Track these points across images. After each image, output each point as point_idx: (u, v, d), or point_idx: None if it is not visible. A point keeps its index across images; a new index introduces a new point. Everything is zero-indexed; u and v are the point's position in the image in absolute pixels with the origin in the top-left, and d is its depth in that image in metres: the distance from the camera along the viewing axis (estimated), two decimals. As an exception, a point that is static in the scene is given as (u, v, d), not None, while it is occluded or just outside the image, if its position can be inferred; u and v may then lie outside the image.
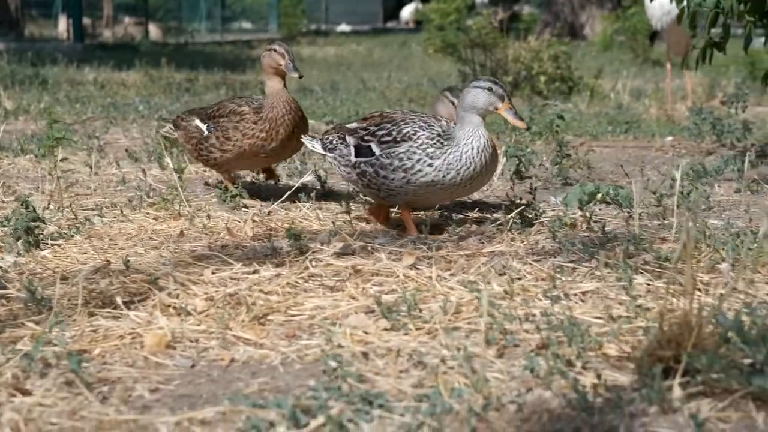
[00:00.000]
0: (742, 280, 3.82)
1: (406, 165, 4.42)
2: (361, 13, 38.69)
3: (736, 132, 8.56)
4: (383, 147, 4.51)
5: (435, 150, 4.41)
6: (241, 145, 5.32)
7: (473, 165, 4.37)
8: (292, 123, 5.30)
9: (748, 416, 2.67)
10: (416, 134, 4.46)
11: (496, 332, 3.22)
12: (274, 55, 5.32)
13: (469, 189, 4.52)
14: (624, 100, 13.47)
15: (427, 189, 4.45)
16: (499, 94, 4.40)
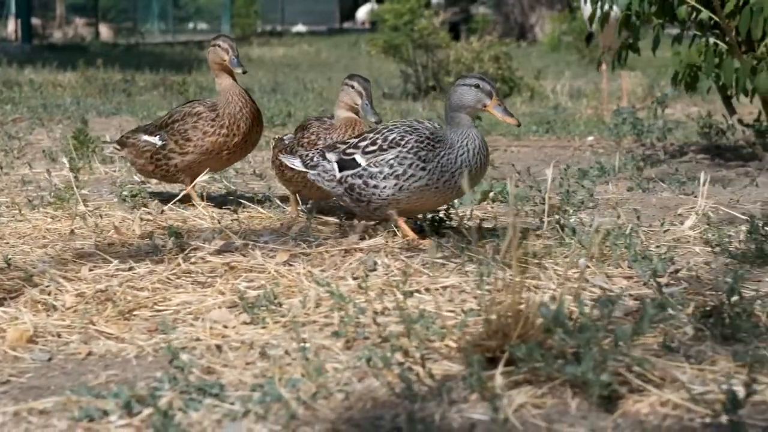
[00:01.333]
0: (603, 274, 3.98)
1: (397, 171, 4.31)
2: (317, 14, 38.79)
3: (656, 132, 8.73)
4: (368, 156, 4.39)
5: (427, 153, 4.29)
6: (203, 144, 5.29)
7: (469, 167, 4.25)
8: (250, 115, 5.31)
9: (563, 402, 2.81)
10: (404, 139, 4.33)
11: (347, 325, 3.35)
12: (218, 50, 5.32)
13: (461, 192, 4.40)
14: (562, 100, 13.64)
15: (421, 194, 4.34)
16: (487, 91, 4.25)
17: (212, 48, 5.36)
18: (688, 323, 3.40)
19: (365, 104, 4.86)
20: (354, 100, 4.90)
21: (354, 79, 4.95)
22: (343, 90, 4.96)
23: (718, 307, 3.36)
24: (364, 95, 4.87)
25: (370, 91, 4.90)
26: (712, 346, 3.24)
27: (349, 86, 4.92)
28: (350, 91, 4.91)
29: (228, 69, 5.32)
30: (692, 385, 2.90)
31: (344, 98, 4.95)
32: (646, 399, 2.83)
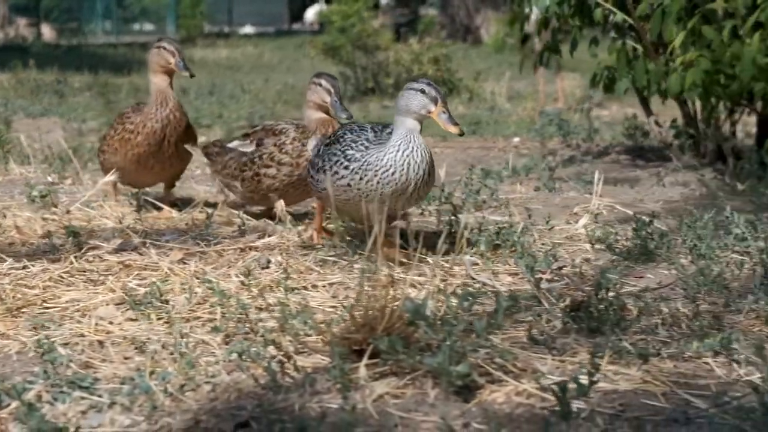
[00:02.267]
0: (489, 271, 4.10)
1: (325, 166, 4.17)
2: (266, 15, 38.75)
3: (582, 133, 8.89)
4: (324, 149, 4.28)
5: (354, 152, 4.11)
6: (112, 143, 5.30)
7: (394, 170, 4.02)
8: (163, 120, 5.19)
9: (422, 392, 2.92)
10: (344, 136, 4.20)
11: (229, 321, 3.44)
12: (163, 52, 5.22)
13: (398, 199, 4.10)
14: (500, 101, 13.77)
15: (347, 195, 4.13)
16: (432, 97, 4.05)
17: (156, 50, 5.27)
18: (557, 317, 3.51)
19: (335, 101, 4.74)
20: (322, 98, 4.78)
21: (321, 76, 4.83)
22: (311, 89, 4.83)
23: (586, 302, 3.48)
24: (333, 92, 4.76)
25: (339, 88, 4.79)
26: (576, 338, 3.36)
27: (317, 84, 4.80)
28: (318, 90, 4.79)
29: (170, 71, 5.23)
30: (551, 375, 3.01)
31: (312, 97, 4.83)
32: (503, 389, 2.94)
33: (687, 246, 4.37)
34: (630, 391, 2.97)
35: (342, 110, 4.71)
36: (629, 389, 2.99)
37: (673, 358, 3.22)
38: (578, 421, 2.76)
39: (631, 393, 2.96)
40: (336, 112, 4.74)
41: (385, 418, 2.76)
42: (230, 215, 5.01)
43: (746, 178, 6.12)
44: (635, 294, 3.79)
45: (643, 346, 3.24)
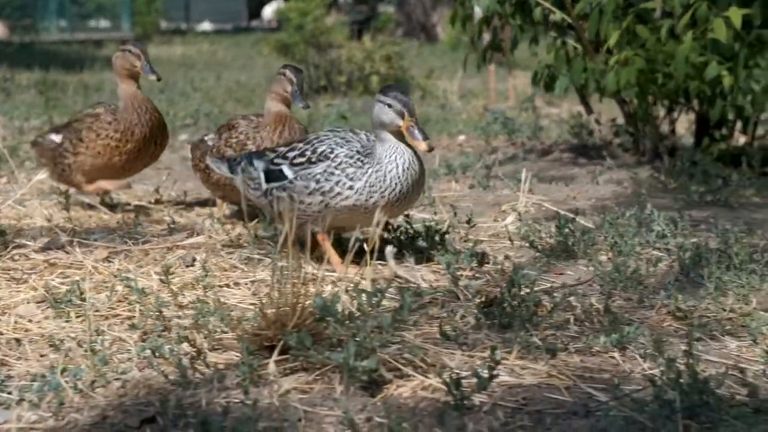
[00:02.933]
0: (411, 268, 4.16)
1: (324, 188, 4.02)
2: (224, 12, 38.64)
3: (527, 131, 8.96)
4: (297, 169, 4.10)
5: (355, 170, 4.00)
6: (94, 146, 5.18)
7: (399, 185, 3.97)
8: (148, 124, 5.18)
9: (329, 387, 2.97)
10: (333, 152, 4.04)
11: (147, 318, 3.48)
12: (128, 56, 5.17)
13: (397, 210, 4.09)
14: (452, 99, 13.82)
15: (350, 213, 4.05)
16: (398, 110, 3.92)
17: (121, 53, 5.20)
18: (472, 313, 3.57)
19: (294, 90, 4.73)
20: (284, 88, 4.77)
21: (286, 68, 4.85)
22: (276, 80, 4.84)
23: (499, 298, 3.54)
24: (295, 82, 4.75)
25: (302, 80, 4.78)
26: (488, 334, 3.42)
27: (281, 75, 4.81)
28: (281, 80, 4.79)
29: (135, 75, 5.19)
30: (458, 370, 3.07)
31: (276, 88, 4.81)
32: (409, 383, 2.99)
33: (608, 243, 4.44)
34: (534, 385, 3.03)
35: (300, 99, 4.72)
36: (534, 383, 3.05)
37: (581, 352, 3.29)
38: (479, 414, 2.82)
39: (535, 387, 3.03)
40: (294, 101, 4.75)
41: (290, 413, 2.80)
42: (160, 215, 5.04)
43: (678, 175, 6.20)
44: (552, 290, 3.85)
45: (551, 341, 3.32)
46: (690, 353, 2.88)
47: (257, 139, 4.83)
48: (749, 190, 5.86)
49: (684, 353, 2.91)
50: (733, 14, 5.98)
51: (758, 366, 3.19)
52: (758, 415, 2.81)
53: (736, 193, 5.80)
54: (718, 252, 4.16)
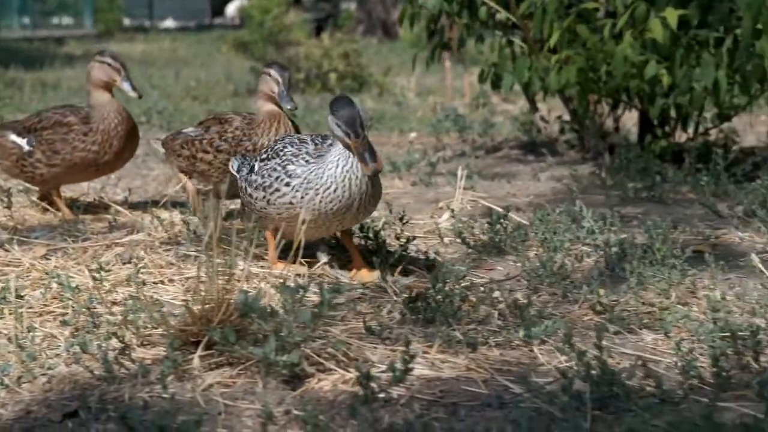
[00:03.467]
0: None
1: (265, 183, 3.97)
2: (188, 9, 38.54)
3: (477, 128, 9.06)
4: (260, 165, 4.08)
5: (296, 167, 3.91)
6: (71, 158, 5.10)
7: (336, 187, 3.83)
8: (125, 134, 5.13)
9: (252, 381, 3.05)
10: (283, 150, 3.99)
11: (79, 315, 3.55)
12: (107, 69, 5.06)
13: (343, 218, 3.93)
14: (409, 96, 13.90)
15: (288, 213, 3.93)
16: (344, 130, 3.80)
17: (98, 64, 5.09)
18: (397, 308, 3.66)
19: (282, 91, 4.67)
20: (271, 89, 4.71)
21: (271, 66, 4.78)
22: (261, 79, 4.79)
23: (424, 294, 3.63)
24: (281, 82, 4.68)
25: (288, 78, 4.69)
26: (412, 328, 3.51)
27: (266, 74, 4.75)
28: (267, 80, 4.73)
29: (110, 87, 5.11)
30: (379, 364, 3.16)
31: (263, 87, 4.77)
32: (330, 377, 3.08)
33: (539, 239, 4.54)
34: (453, 378, 3.13)
35: (287, 100, 4.67)
36: (452, 376, 3.14)
37: (501, 346, 3.39)
38: (396, 407, 2.91)
39: (453, 380, 3.12)
40: (281, 102, 4.70)
41: (211, 406, 2.89)
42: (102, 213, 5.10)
43: (618, 172, 6.32)
44: (479, 286, 3.95)
45: (473, 336, 3.41)
46: (600, 346, 2.98)
47: (253, 136, 4.80)
48: (685, 187, 5.98)
49: (596, 346, 3.00)
50: (669, 15, 6.10)
51: (670, 358, 3.29)
52: (664, 405, 2.91)
53: (673, 190, 5.92)
54: (643, 247, 4.26)
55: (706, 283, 4.00)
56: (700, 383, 3.05)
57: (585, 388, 2.88)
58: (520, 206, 5.52)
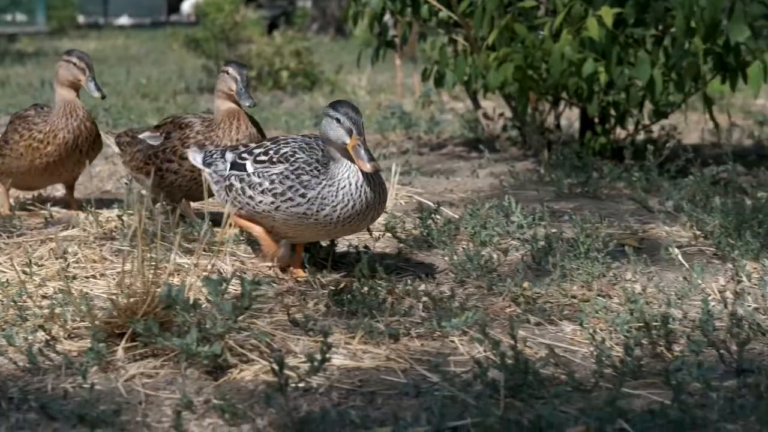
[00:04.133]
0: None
1: (275, 189, 3.90)
2: (143, 6, 38.39)
3: (423, 126, 9.14)
4: (258, 166, 4.00)
5: (311, 179, 3.86)
6: (17, 149, 5.12)
7: (352, 203, 3.80)
8: (75, 131, 5.08)
9: (174, 372, 3.11)
10: (294, 156, 3.92)
11: (8, 308, 3.59)
12: (72, 68, 5.09)
13: (352, 227, 3.93)
14: (361, 94, 13.95)
15: (299, 221, 3.90)
16: (347, 128, 3.76)
17: (65, 63, 5.11)
18: (323, 301, 3.74)
19: (240, 88, 4.59)
20: (229, 87, 4.64)
21: (229, 64, 4.72)
22: (219, 77, 4.71)
23: (349, 287, 3.71)
24: (239, 80, 4.60)
25: (246, 76, 4.61)
26: (336, 320, 3.58)
27: (224, 72, 4.68)
28: (225, 78, 4.67)
29: (76, 86, 5.12)
30: (302, 354, 3.23)
31: (220, 86, 4.68)
32: (252, 368, 3.15)
33: (469, 233, 4.62)
34: (373, 368, 3.21)
35: (246, 97, 4.60)
36: (372, 366, 3.22)
37: (422, 337, 3.47)
38: (315, 395, 2.99)
39: (373, 370, 3.20)
40: (240, 99, 4.61)
41: (132, 396, 2.95)
42: (38, 208, 5.13)
43: (555, 168, 6.41)
44: (405, 278, 4.02)
45: (395, 327, 3.48)
46: (514, 337, 3.07)
47: (215, 138, 4.68)
48: (621, 183, 6.08)
49: (510, 336, 3.09)
50: (605, 13, 6.21)
51: (587, 348, 3.38)
52: (576, 392, 3.00)
53: (608, 186, 6.02)
54: (569, 241, 4.35)
55: (628, 276, 4.10)
56: (613, 372, 3.14)
57: (499, 377, 2.96)
58: (454, 202, 5.60)
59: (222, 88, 4.69)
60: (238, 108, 4.70)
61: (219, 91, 4.71)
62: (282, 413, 2.78)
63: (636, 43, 6.56)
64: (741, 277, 4.06)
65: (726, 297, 3.73)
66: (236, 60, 4.78)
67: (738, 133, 8.50)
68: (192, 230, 4.45)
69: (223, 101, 4.72)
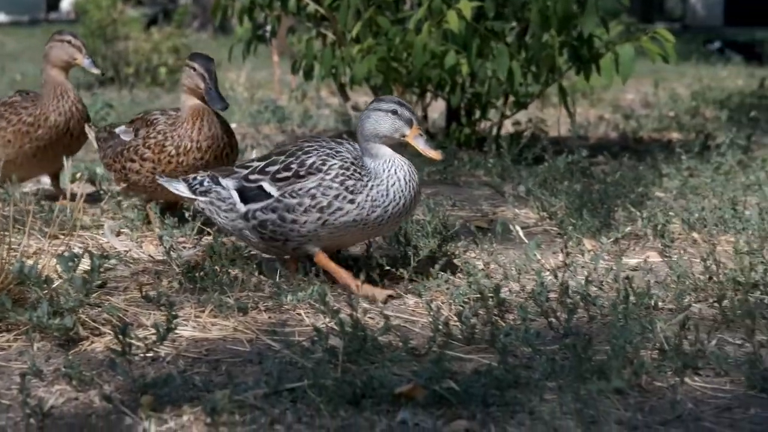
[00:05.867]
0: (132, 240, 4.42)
1: (321, 203, 3.69)
2: (21, 3, 37.81)
3: (296, 119, 9.29)
4: (282, 185, 3.74)
5: (354, 183, 3.69)
6: (5, 135, 5.03)
7: (403, 200, 3.71)
8: (66, 114, 5.00)
9: (27, 344, 3.23)
10: (326, 164, 3.71)
11: None
12: (68, 47, 4.99)
13: (394, 226, 3.87)
14: (240, 90, 13.99)
15: (347, 230, 3.76)
16: (406, 118, 3.67)
17: (58, 43, 5.02)
18: (177, 279, 3.88)
19: (209, 88, 4.31)
20: (196, 84, 4.34)
21: (195, 59, 4.39)
22: (184, 72, 4.41)
23: (201, 265, 3.85)
24: (207, 78, 4.31)
25: (215, 72, 4.34)
26: (188, 296, 3.73)
27: (190, 68, 4.37)
28: (191, 74, 4.36)
29: (69, 67, 5.05)
30: (152, 327, 3.36)
31: (186, 82, 4.40)
32: (104, 339, 3.29)
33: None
34: (220, 339, 3.37)
35: (217, 99, 4.32)
36: (219, 337, 3.37)
37: (271, 310, 3.64)
38: (162, 363, 3.13)
39: (220, 340, 3.35)
40: (210, 101, 4.34)
41: (-18, 367, 3.06)
42: None
43: (416, 157, 6.59)
44: (257, 257, 4.17)
45: (244, 301, 3.63)
46: (352, 305, 3.25)
47: (175, 138, 4.44)
48: (480, 170, 6.31)
49: (349, 306, 3.27)
50: (463, 6, 6.41)
51: (426, 319, 3.57)
52: (410, 357, 3.18)
53: (467, 173, 6.24)
54: (420, 222, 4.54)
55: (473, 254, 4.31)
56: (449, 339, 3.33)
57: (339, 344, 3.13)
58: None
59: (187, 84, 4.40)
60: (204, 105, 4.43)
61: (184, 86, 4.44)
62: (129, 379, 2.91)
63: (496, 36, 6.77)
64: (575, 253, 4.30)
65: (559, 270, 3.95)
66: (202, 53, 4.48)
67: (605, 126, 8.82)
68: (50, 215, 4.53)
69: (188, 97, 4.45)
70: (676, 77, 13.51)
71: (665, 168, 6.04)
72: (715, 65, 14.94)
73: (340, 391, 2.85)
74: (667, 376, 3.08)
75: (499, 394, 2.89)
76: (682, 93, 10.96)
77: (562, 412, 2.80)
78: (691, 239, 4.60)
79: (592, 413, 2.79)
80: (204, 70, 4.32)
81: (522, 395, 2.91)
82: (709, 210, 4.81)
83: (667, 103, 10.19)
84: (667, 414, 2.85)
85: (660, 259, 4.31)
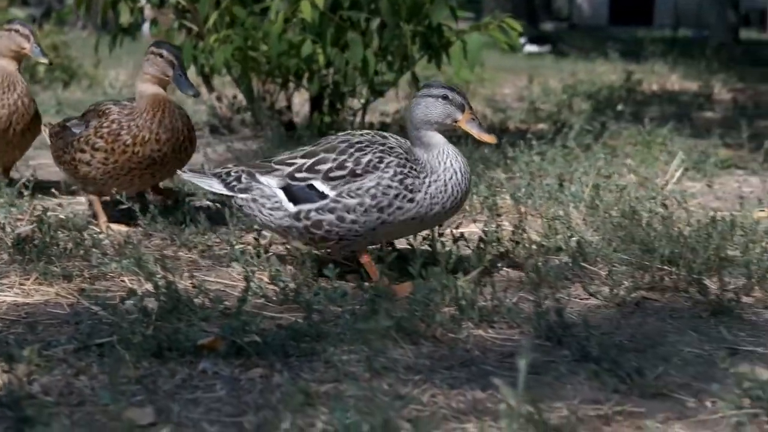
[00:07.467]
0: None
1: (381, 203, 3.56)
2: None
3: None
4: (336, 183, 3.61)
5: (413, 180, 3.58)
6: None
7: (460, 193, 3.61)
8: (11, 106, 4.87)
9: None
10: (383, 161, 3.58)
11: None
12: (15, 36, 4.83)
13: (448, 218, 3.81)
14: (118, 87, 13.99)
15: (404, 226, 3.66)
16: (458, 103, 3.59)
17: (7, 33, 4.85)
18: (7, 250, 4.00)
19: (178, 75, 4.22)
20: (164, 72, 4.25)
21: (162, 47, 4.28)
22: (148, 60, 4.28)
23: (31, 236, 3.98)
24: (176, 65, 4.24)
25: (183, 60, 4.28)
26: (16, 266, 3.85)
27: (157, 55, 4.26)
28: (158, 61, 4.25)
29: (19, 57, 4.89)
30: None
31: (150, 69, 4.29)
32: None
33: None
34: (41, 303, 3.50)
35: (188, 86, 4.23)
36: (41, 301, 3.51)
37: (96, 278, 3.80)
38: (-22, 325, 3.26)
39: (41, 304, 3.49)
40: (181, 88, 4.23)
41: None
42: None
43: (279, 146, 6.76)
44: (94, 229, 4.30)
45: (70, 270, 3.77)
46: (167, 268, 3.41)
47: (132, 128, 4.30)
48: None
49: (163, 269, 3.43)
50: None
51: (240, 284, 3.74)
52: (221, 316, 3.34)
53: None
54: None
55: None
56: (264, 301, 3.51)
57: (153, 305, 3.29)
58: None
59: (152, 71, 4.29)
60: (165, 95, 4.35)
61: (146, 74, 4.31)
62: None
63: (352, 26, 6.95)
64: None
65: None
66: (167, 41, 4.39)
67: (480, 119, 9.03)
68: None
69: (149, 85, 4.32)
70: (554, 73, 13.84)
71: (511, 152, 6.25)
72: (594, 61, 15.31)
73: (145, 344, 3.00)
74: (461, 329, 3.28)
75: (296, 345, 3.07)
76: (555, 87, 11.27)
77: (355, 360, 2.98)
78: (517, 212, 4.82)
79: (382, 360, 2.98)
80: (173, 56, 4.25)
81: (320, 347, 3.09)
82: (537, 186, 5.05)
83: (539, 96, 10.49)
84: (455, 360, 3.05)
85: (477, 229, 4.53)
